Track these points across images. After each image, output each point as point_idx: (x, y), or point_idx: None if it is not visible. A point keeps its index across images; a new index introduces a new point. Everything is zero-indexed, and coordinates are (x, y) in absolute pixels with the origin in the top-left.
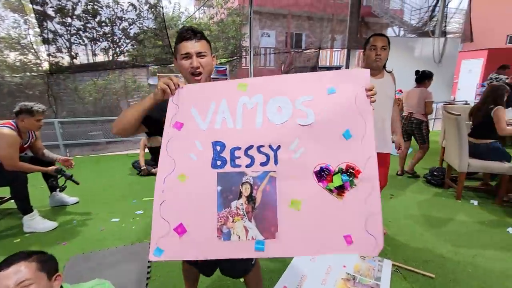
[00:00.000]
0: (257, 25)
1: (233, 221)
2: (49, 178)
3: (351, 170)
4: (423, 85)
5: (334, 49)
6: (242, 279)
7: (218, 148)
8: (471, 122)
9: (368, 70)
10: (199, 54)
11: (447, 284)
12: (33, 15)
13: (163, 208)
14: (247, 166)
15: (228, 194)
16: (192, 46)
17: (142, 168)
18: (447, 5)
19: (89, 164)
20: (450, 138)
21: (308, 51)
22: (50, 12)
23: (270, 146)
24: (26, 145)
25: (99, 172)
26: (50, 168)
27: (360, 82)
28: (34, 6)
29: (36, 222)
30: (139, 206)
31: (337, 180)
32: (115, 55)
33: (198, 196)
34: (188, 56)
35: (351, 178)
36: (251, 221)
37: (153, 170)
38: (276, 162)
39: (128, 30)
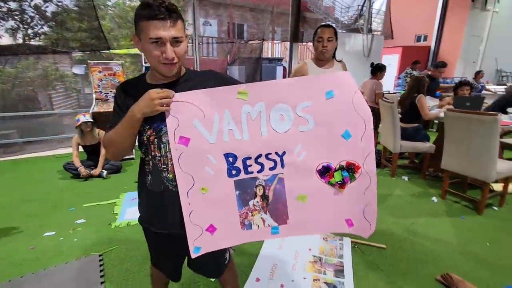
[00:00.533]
0: (199, 13)
1: (252, 215)
2: None
3: (351, 167)
4: (375, 77)
5: (275, 41)
6: (214, 279)
7: (231, 159)
8: (399, 109)
9: (348, 73)
10: (175, 40)
11: (396, 252)
12: None
13: (192, 217)
14: (258, 172)
15: (246, 195)
16: (166, 30)
17: (80, 170)
18: (372, 5)
19: (2, 170)
20: (385, 123)
21: (251, 42)
22: None
23: (276, 153)
24: None
25: (19, 179)
26: None
27: (353, 84)
28: None
29: None
30: (79, 214)
31: (338, 176)
32: (26, 38)
33: (220, 201)
34: (159, 42)
35: (351, 174)
36: (266, 214)
37: (93, 172)
38: (282, 165)
39: (43, 8)
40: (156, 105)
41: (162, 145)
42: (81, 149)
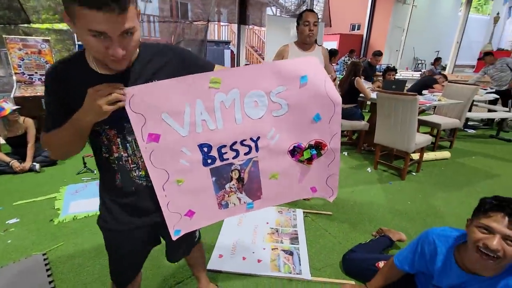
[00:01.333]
0: None
1: (228, 196)
2: None
3: (319, 145)
4: (329, 61)
5: (222, 23)
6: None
7: (206, 149)
8: (339, 92)
9: (316, 59)
10: (126, 32)
11: (340, 216)
12: None
13: (170, 207)
14: (233, 158)
15: (222, 180)
16: (113, 23)
17: (12, 165)
18: None
19: None
20: None
21: (196, 23)
22: None
23: (251, 138)
24: None
25: None
26: None
27: (322, 69)
28: None
29: None
30: (11, 213)
31: (307, 154)
32: None
33: (197, 189)
34: (103, 36)
35: (318, 151)
36: (242, 193)
37: (21, 167)
38: (257, 150)
39: None
40: (103, 110)
41: (128, 144)
42: (1, 141)
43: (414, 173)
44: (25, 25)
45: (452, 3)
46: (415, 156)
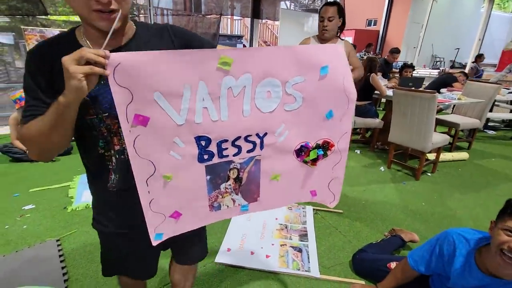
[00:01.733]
0: None
1: (222, 197)
2: None
3: (326, 145)
4: None
5: (235, 18)
6: None
7: (203, 143)
8: None
9: (341, 46)
10: None
11: (351, 215)
12: None
13: (153, 205)
14: (234, 155)
15: (217, 179)
16: None
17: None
18: None
19: None
20: None
21: (209, 16)
22: None
23: (257, 134)
24: None
25: None
26: None
27: (344, 59)
28: None
29: None
30: (27, 199)
31: (313, 154)
32: None
33: (187, 188)
34: None
35: (325, 151)
36: (237, 195)
37: None
38: (262, 147)
39: None
40: (77, 79)
41: None
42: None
43: (429, 174)
44: (43, 17)
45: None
46: (431, 156)
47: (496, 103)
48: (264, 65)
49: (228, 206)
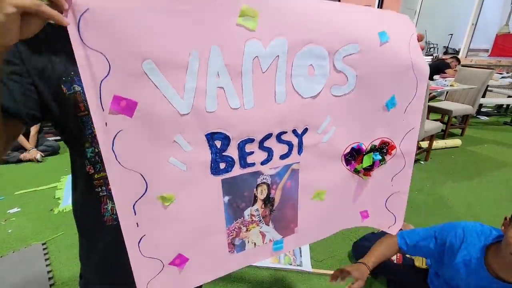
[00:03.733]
0: None
1: (247, 230)
2: None
3: (384, 147)
4: None
5: None
6: None
7: (219, 143)
8: None
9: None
10: None
11: None
12: None
13: (144, 246)
14: (262, 163)
15: (239, 202)
16: None
17: (32, 155)
18: None
19: None
20: None
21: None
22: None
23: (294, 131)
24: None
25: None
26: None
27: (409, 26)
28: None
29: None
30: (12, 202)
31: (368, 160)
32: None
33: (196, 216)
34: None
35: (383, 156)
36: (268, 225)
37: (27, 156)
38: (300, 150)
39: None
40: (8, 13)
41: None
42: None
43: (422, 162)
44: None
45: None
46: (424, 144)
47: (489, 88)
48: (305, 26)
49: (255, 244)
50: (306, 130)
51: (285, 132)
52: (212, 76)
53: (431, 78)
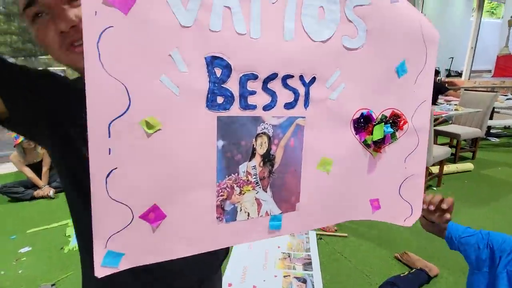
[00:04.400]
0: None
1: (240, 192)
2: None
3: (396, 120)
4: None
5: None
6: None
7: (219, 71)
8: None
9: None
10: None
11: (357, 239)
12: None
13: (113, 183)
14: (265, 108)
15: (235, 152)
16: None
17: (45, 192)
18: None
19: None
20: None
21: None
22: None
23: (301, 77)
24: None
25: None
26: None
27: None
28: None
29: None
30: (23, 241)
31: (378, 132)
32: None
33: (183, 155)
34: (38, 7)
35: (394, 130)
36: (266, 191)
37: (41, 193)
38: (306, 103)
39: None
40: None
41: None
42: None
43: (434, 188)
44: (44, 56)
45: (463, 9)
46: (435, 170)
47: (496, 110)
48: None
49: (248, 215)
50: (314, 79)
51: (292, 77)
52: None
53: (434, 101)
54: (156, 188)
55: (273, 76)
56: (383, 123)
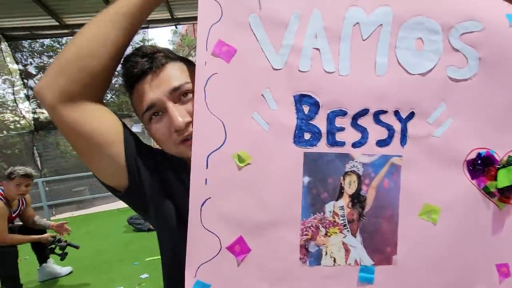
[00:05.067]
0: None
1: (326, 234)
2: (40, 249)
3: None
4: None
5: None
6: None
7: (307, 108)
8: None
9: None
10: (180, 93)
11: None
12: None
13: (207, 212)
14: (354, 146)
15: (321, 190)
16: (154, 87)
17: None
18: None
19: (77, 224)
20: None
21: None
22: (32, 70)
23: (396, 113)
24: (15, 214)
25: (90, 233)
26: (44, 236)
27: None
28: (20, 67)
29: None
30: (143, 269)
31: (505, 178)
32: None
33: (269, 191)
34: (156, 109)
35: None
36: (355, 236)
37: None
38: (403, 141)
39: (113, 83)
40: None
41: None
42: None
43: None
44: None
45: None
46: None
47: None
48: None
49: (335, 261)
50: (412, 115)
51: (385, 112)
52: (309, 37)
53: None
54: (242, 220)
55: (363, 112)
56: (509, 165)
